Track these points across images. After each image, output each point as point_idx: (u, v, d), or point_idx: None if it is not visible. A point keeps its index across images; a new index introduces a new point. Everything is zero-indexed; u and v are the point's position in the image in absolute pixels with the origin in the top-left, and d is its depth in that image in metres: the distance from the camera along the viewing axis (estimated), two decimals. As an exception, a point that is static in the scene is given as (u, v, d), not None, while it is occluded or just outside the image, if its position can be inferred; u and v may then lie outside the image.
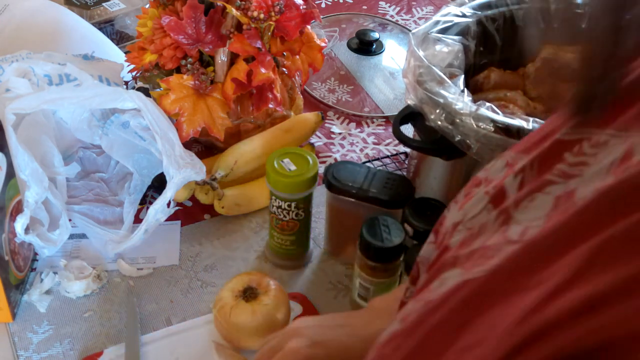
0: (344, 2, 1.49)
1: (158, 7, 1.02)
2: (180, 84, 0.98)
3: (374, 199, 0.89)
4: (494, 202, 0.48)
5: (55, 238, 0.92)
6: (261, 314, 0.82)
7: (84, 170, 1.05)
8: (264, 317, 0.82)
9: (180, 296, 0.92)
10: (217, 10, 0.99)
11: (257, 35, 0.98)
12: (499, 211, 0.47)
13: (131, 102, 0.92)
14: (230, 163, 1.01)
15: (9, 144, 0.87)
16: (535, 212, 0.43)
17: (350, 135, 1.18)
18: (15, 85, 0.95)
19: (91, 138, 1.01)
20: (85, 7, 1.29)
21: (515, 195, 0.47)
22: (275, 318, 0.83)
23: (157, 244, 0.97)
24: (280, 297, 0.85)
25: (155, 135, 0.92)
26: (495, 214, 0.47)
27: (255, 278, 0.86)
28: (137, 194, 1.01)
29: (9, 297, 0.86)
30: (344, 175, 0.91)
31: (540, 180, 0.45)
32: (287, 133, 1.06)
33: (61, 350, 0.86)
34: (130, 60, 1.05)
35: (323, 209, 0.98)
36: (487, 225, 0.47)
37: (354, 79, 1.28)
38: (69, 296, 0.91)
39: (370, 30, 1.32)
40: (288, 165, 0.89)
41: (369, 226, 0.84)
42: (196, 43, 0.99)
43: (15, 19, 1.15)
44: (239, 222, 1.02)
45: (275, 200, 0.90)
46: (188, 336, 0.87)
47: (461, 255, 0.47)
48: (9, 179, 0.84)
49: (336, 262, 0.97)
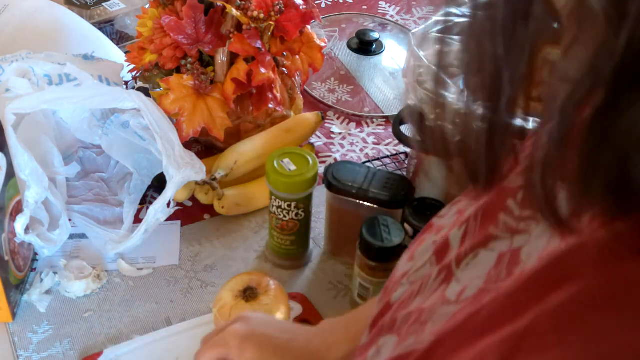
0: (344, 2, 1.48)
1: (158, 7, 1.02)
2: (180, 84, 0.98)
3: (374, 199, 0.89)
4: (437, 255, 0.47)
5: (55, 238, 0.92)
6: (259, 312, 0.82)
7: (84, 170, 1.05)
8: None
9: (180, 296, 0.92)
10: (217, 10, 0.99)
11: (257, 35, 0.98)
12: (441, 268, 0.46)
13: (131, 102, 0.92)
14: (230, 163, 1.01)
15: (9, 144, 0.86)
16: (477, 271, 0.42)
17: (350, 135, 1.18)
18: (15, 85, 0.95)
19: (91, 138, 1.01)
20: (85, 7, 1.29)
21: (458, 250, 0.45)
22: (275, 318, 0.83)
23: (157, 244, 0.97)
24: (280, 297, 0.85)
25: (155, 135, 0.92)
26: (437, 270, 0.46)
27: (255, 278, 0.86)
28: (137, 194, 1.00)
29: (9, 297, 0.86)
30: (344, 175, 0.91)
31: (484, 234, 0.43)
32: (287, 133, 1.06)
33: (61, 350, 0.86)
34: (130, 60, 1.05)
35: (323, 209, 0.98)
36: (427, 282, 0.47)
37: (354, 79, 1.28)
38: (69, 296, 0.91)
39: (370, 30, 1.32)
40: (288, 165, 0.89)
41: (369, 226, 0.84)
42: (196, 43, 0.99)
43: (15, 19, 1.15)
44: (239, 222, 1.02)
45: (275, 200, 0.90)
46: (188, 336, 0.87)
47: (399, 317, 0.46)
48: (9, 179, 0.84)
49: (336, 262, 0.97)
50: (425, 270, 0.48)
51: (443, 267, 0.46)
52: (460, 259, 0.44)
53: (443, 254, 0.47)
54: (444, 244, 0.47)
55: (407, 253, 0.52)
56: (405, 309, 0.47)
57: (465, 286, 0.42)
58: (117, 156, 1.00)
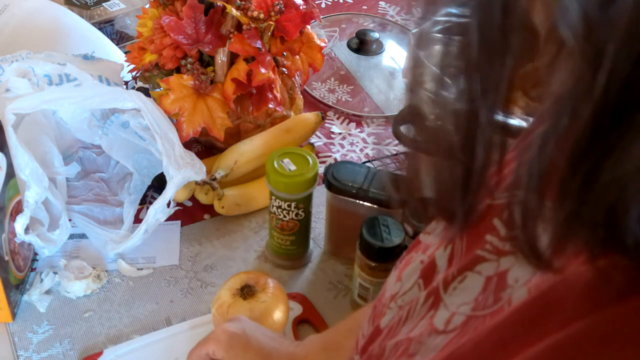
0: (344, 2, 1.49)
1: (158, 7, 1.02)
2: (180, 84, 0.98)
3: (374, 199, 0.89)
4: (424, 277, 0.47)
5: (55, 238, 0.92)
6: (259, 311, 0.82)
7: (84, 170, 1.05)
8: (261, 315, 0.82)
9: (180, 296, 0.92)
10: (217, 10, 0.99)
11: (257, 35, 0.98)
12: (428, 292, 0.45)
13: (131, 102, 0.92)
14: (230, 163, 1.01)
15: (9, 144, 0.87)
16: (464, 296, 0.41)
17: (350, 135, 1.18)
18: (15, 85, 0.95)
19: (91, 138, 1.01)
20: (85, 7, 1.29)
21: (445, 272, 0.44)
22: (272, 316, 0.83)
23: (157, 244, 0.97)
24: (279, 295, 0.85)
25: (155, 135, 0.92)
26: (425, 294, 0.45)
27: (254, 276, 0.86)
28: (137, 194, 1.00)
29: (9, 297, 0.86)
30: (344, 175, 0.91)
31: (470, 256, 0.42)
32: (287, 133, 1.06)
33: (61, 350, 0.86)
34: (130, 60, 1.05)
35: (323, 209, 0.98)
36: (415, 307, 0.46)
37: (354, 79, 1.28)
38: (69, 296, 0.91)
39: (370, 30, 1.32)
40: (288, 165, 0.89)
41: (369, 226, 0.84)
42: (196, 43, 0.99)
43: (15, 19, 1.15)
44: (239, 222, 1.02)
45: (275, 200, 0.90)
46: (188, 336, 0.87)
47: (387, 346, 0.46)
48: (9, 179, 0.84)
49: (336, 262, 0.97)
50: (413, 294, 0.47)
51: (431, 291, 0.45)
52: (447, 283, 0.43)
53: (430, 277, 0.46)
54: (430, 265, 0.46)
55: (395, 273, 0.51)
56: (393, 338, 0.46)
57: (453, 313, 0.41)
58: (117, 156, 1.00)
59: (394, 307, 0.48)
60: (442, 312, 0.42)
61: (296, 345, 0.72)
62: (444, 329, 0.41)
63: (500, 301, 0.38)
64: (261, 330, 0.74)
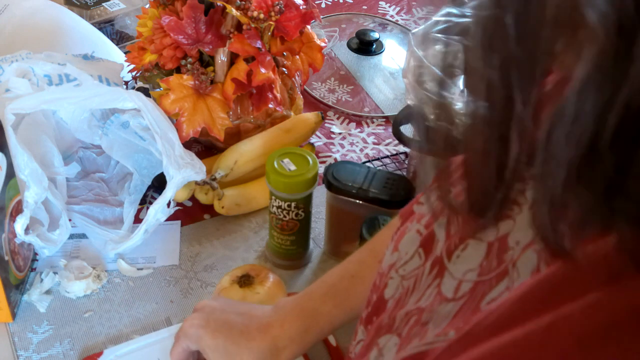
0: (344, 2, 1.49)
1: (158, 7, 1.02)
2: (180, 84, 0.98)
3: (374, 199, 0.89)
4: (425, 247, 0.47)
5: (55, 238, 0.92)
6: (250, 301, 0.82)
7: (84, 170, 1.05)
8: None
9: (180, 296, 0.92)
10: (217, 10, 0.99)
11: (257, 35, 0.98)
12: (432, 261, 0.46)
13: (131, 102, 0.92)
14: (230, 163, 1.01)
15: (9, 144, 0.87)
16: (469, 263, 0.42)
17: (350, 135, 1.18)
18: (15, 85, 0.95)
19: (91, 138, 1.01)
20: (85, 7, 1.29)
21: (446, 241, 0.45)
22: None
23: (157, 244, 0.97)
24: (275, 290, 0.85)
25: (155, 135, 0.92)
26: (429, 265, 0.46)
27: (256, 269, 0.87)
28: (137, 194, 1.00)
29: (9, 297, 0.86)
30: (344, 175, 0.91)
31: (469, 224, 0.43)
32: (287, 133, 1.06)
33: (61, 350, 0.86)
34: (130, 60, 1.05)
35: (323, 209, 0.98)
36: (421, 277, 0.46)
37: (354, 79, 1.28)
38: (69, 296, 0.91)
39: (370, 30, 1.32)
40: (288, 165, 0.89)
41: (369, 226, 0.84)
42: (196, 43, 0.99)
43: (15, 19, 1.15)
44: (239, 222, 1.02)
45: (275, 200, 0.90)
46: (188, 336, 0.87)
47: (397, 317, 0.46)
48: (9, 179, 0.84)
49: (336, 262, 0.97)
50: (415, 264, 0.48)
51: (434, 260, 0.46)
52: (450, 251, 0.44)
53: (430, 246, 0.47)
54: (429, 236, 0.47)
55: (391, 244, 0.52)
56: (402, 308, 0.46)
57: (460, 281, 0.42)
58: (117, 156, 1.00)
59: (395, 276, 0.49)
60: (448, 280, 0.43)
61: (270, 314, 0.72)
62: (453, 297, 0.42)
63: (503, 263, 0.40)
64: (230, 308, 0.73)
